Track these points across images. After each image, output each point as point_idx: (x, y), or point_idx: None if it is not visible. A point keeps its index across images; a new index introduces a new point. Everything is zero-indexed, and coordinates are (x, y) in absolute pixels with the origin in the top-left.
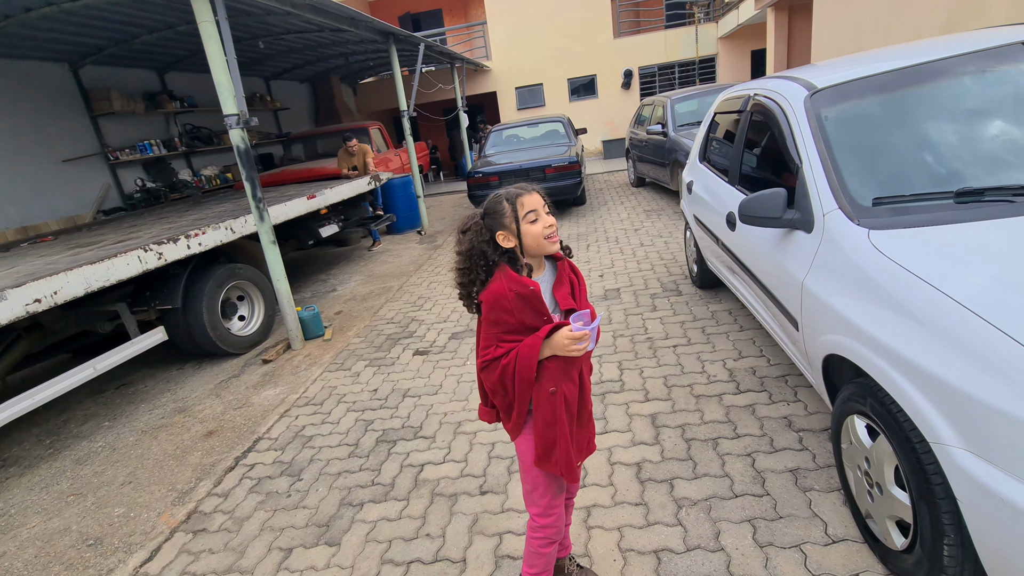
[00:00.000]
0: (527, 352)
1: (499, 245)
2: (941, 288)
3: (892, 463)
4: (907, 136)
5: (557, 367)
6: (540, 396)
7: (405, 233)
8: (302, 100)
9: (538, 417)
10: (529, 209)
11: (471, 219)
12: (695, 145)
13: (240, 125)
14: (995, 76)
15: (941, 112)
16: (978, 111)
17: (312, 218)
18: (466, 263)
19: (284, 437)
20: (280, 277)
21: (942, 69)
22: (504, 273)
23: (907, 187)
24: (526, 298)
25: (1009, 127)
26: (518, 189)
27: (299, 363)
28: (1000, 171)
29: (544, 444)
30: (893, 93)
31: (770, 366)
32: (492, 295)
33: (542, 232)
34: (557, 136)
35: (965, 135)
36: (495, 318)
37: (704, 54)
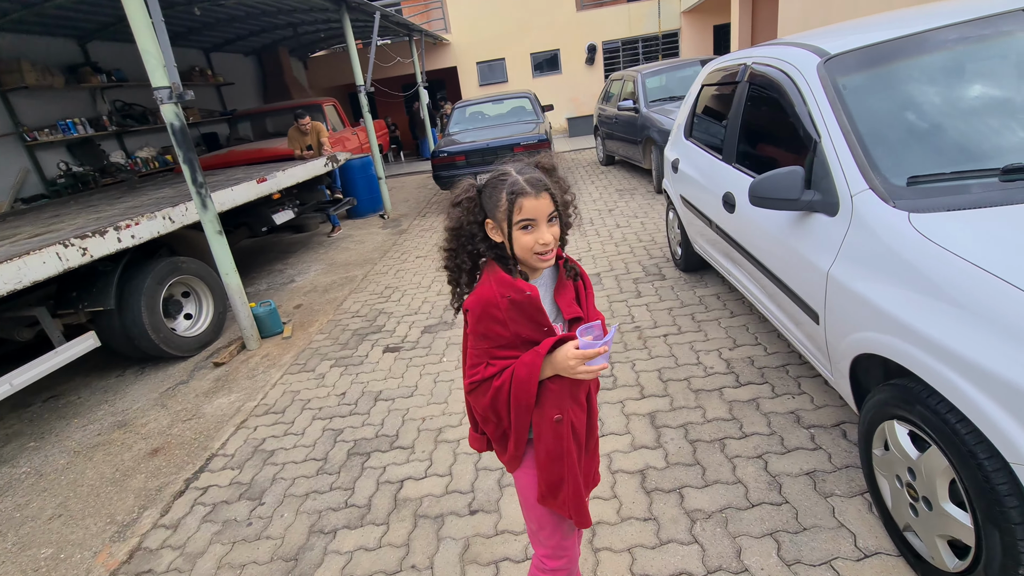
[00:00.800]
0: (525, 372)
1: (487, 234)
2: (1014, 282)
3: (947, 478)
4: (937, 107)
5: (562, 389)
6: (543, 424)
7: (367, 217)
8: (248, 75)
9: (540, 449)
10: (526, 217)
11: (465, 191)
12: (679, 120)
13: (173, 100)
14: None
15: (973, 80)
16: (1015, 78)
17: (264, 203)
18: (453, 243)
19: (242, 453)
20: (229, 270)
21: (970, 33)
22: (493, 274)
23: (944, 164)
24: (521, 305)
25: None
26: (528, 183)
27: (256, 365)
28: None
29: (549, 481)
30: (917, 59)
31: (768, 355)
32: (479, 302)
33: (532, 247)
34: (524, 113)
35: (1003, 105)
36: (484, 330)
37: (667, 29)
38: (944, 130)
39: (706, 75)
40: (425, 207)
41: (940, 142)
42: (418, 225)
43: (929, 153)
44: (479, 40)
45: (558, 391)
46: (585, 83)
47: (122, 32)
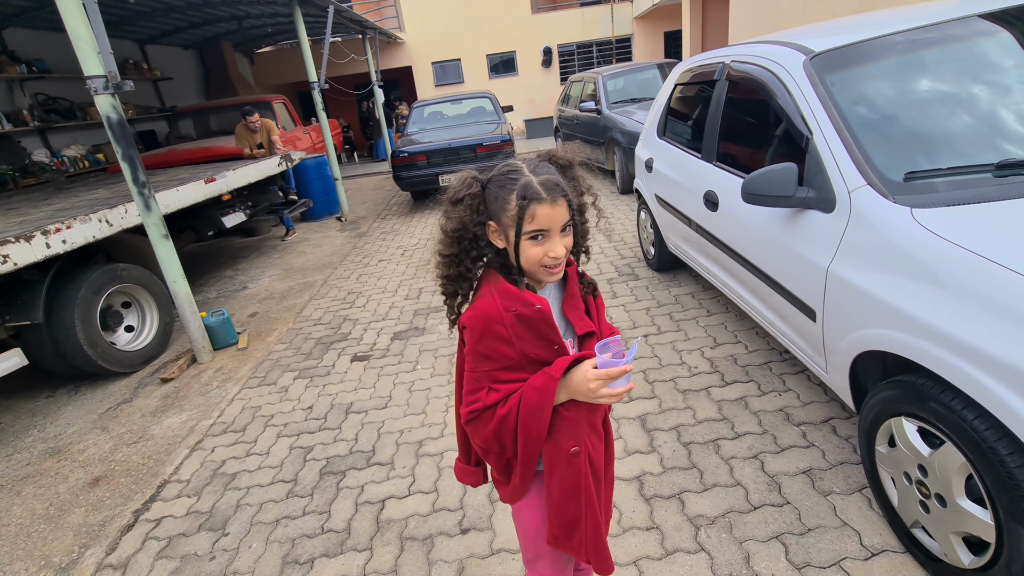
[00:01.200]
0: (536, 398)
1: (487, 238)
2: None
3: (963, 475)
4: (923, 104)
5: (579, 416)
6: (557, 457)
7: (323, 220)
8: (188, 69)
9: (553, 485)
10: (537, 227)
11: (467, 185)
12: (651, 120)
13: (109, 90)
14: (1005, 41)
15: (954, 78)
16: (995, 77)
17: (213, 205)
18: (454, 247)
19: (199, 478)
20: (177, 277)
21: (950, 32)
22: (495, 285)
23: (939, 160)
24: (530, 320)
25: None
26: (544, 186)
27: (209, 380)
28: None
29: (564, 521)
30: (901, 57)
31: (749, 353)
32: (480, 318)
33: (541, 259)
34: (484, 113)
35: (990, 101)
36: (485, 350)
37: (620, 33)
38: (934, 126)
39: (679, 75)
40: (384, 209)
41: (931, 138)
42: (379, 228)
43: (922, 149)
44: (434, 40)
45: (574, 419)
46: (541, 85)
47: (44, 18)
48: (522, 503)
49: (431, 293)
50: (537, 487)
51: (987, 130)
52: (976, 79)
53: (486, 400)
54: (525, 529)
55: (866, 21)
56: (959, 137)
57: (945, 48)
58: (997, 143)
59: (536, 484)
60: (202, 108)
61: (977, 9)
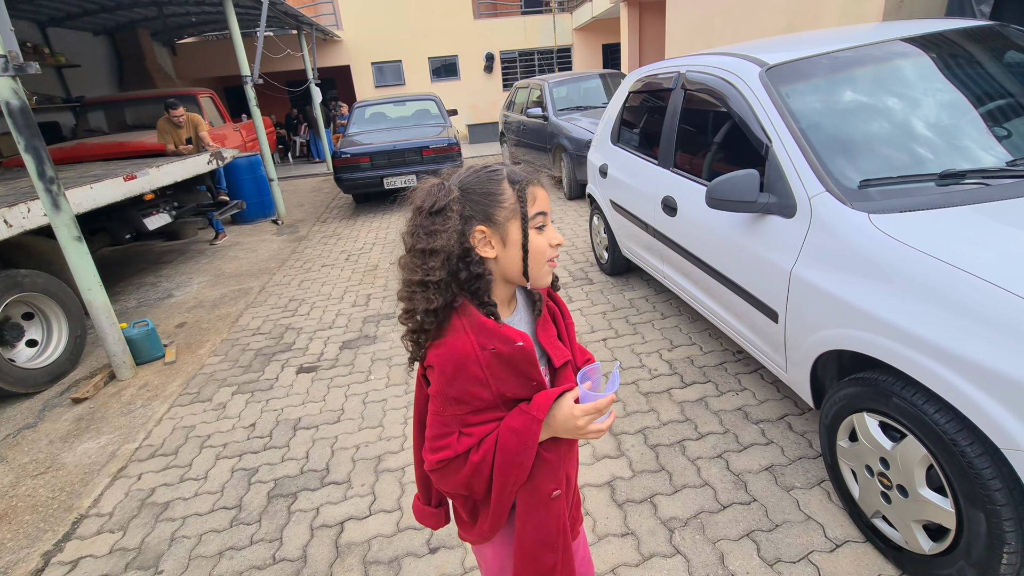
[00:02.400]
0: (516, 443)
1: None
2: (987, 278)
3: (924, 466)
4: (872, 116)
5: (559, 457)
6: (535, 502)
7: (256, 223)
8: (99, 57)
9: (527, 533)
10: (541, 210)
11: (444, 193)
12: (604, 126)
13: (10, 72)
14: (939, 61)
15: (900, 93)
16: (935, 93)
17: (133, 205)
18: (440, 271)
19: (123, 509)
20: (92, 285)
21: (892, 50)
22: (468, 317)
23: (889, 169)
24: (510, 359)
25: (963, 109)
26: (524, 171)
27: (131, 398)
28: (969, 153)
29: (538, 570)
30: (848, 72)
31: (704, 354)
32: (452, 359)
33: (546, 251)
34: (429, 116)
35: (930, 116)
36: (457, 393)
37: (561, 43)
38: (882, 137)
39: (632, 83)
40: (325, 212)
41: (880, 148)
42: (319, 231)
43: (874, 158)
44: (374, 40)
45: (555, 460)
46: (484, 90)
47: None
48: (486, 548)
49: (380, 299)
50: (505, 534)
51: (929, 142)
52: (919, 94)
53: (457, 448)
54: (489, 567)
55: (813, 39)
56: (905, 148)
57: (887, 65)
58: (939, 154)
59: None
60: (115, 100)
61: (913, 32)
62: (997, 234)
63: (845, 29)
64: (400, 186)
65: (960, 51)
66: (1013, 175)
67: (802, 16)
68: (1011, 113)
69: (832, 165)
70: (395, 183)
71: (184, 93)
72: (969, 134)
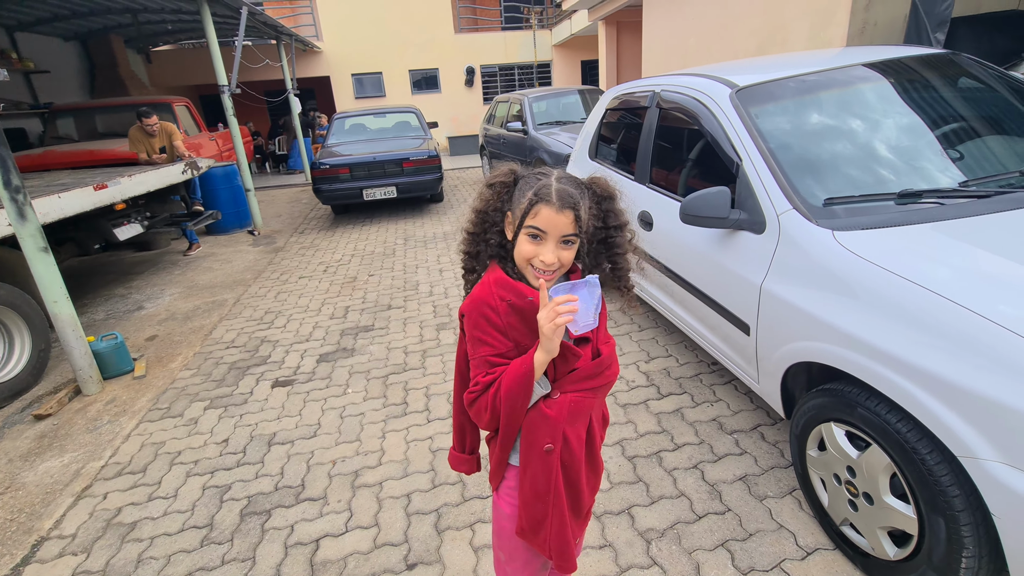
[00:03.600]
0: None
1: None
2: (942, 294)
3: (888, 474)
4: (836, 137)
5: (559, 415)
6: (531, 454)
7: (232, 233)
8: (69, 63)
9: (526, 481)
10: (535, 224)
11: (505, 175)
12: (582, 141)
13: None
14: (899, 85)
15: (863, 115)
16: (896, 116)
17: (103, 215)
18: (477, 226)
19: (88, 530)
20: (59, 297)
21: (856, 75)
22: (494, 274)
23: (850, 188)
24: (523, 312)
25: (920, 131)
26: (558, 193)
27: (98, 414)
28: (926, 174)
29: (531, 517)
30: (813, 95)
31: (681, 366)
32: (475, 303)
33: (530, 259)
34: (410, 128)
35: (890, 138)
36: (481, 334)
37: (541, 59)
38: (845, 157)
39: (609, 100)
40: (303, 223)
41: (844, 167)
42: (296, 243)
43: (837, 177)
44: (354, 51)
45: (555, 417)
46: (464, 103)
47: None
48: (500, 495)
49: (359, 311)
50: (514, 480)
51: (889, 163)
52: (879, 117)
53: (483, 382)
54: (501, 526)
55: (780, 62)
56: (866, 168)
57: (850, 89)
58: (897, 174)
59: (513, 477)
60: (86, 107)
61: (874, 57)
62: (952, 251)
63: (811, 53)
64: (379, 198)
65: (917, 77)
66: (966, 195)
67: (771, 39)
68: (964, 136)
69: (799, 183)
70: (374, 195)
71: (159, 101)
72: (925, 156)
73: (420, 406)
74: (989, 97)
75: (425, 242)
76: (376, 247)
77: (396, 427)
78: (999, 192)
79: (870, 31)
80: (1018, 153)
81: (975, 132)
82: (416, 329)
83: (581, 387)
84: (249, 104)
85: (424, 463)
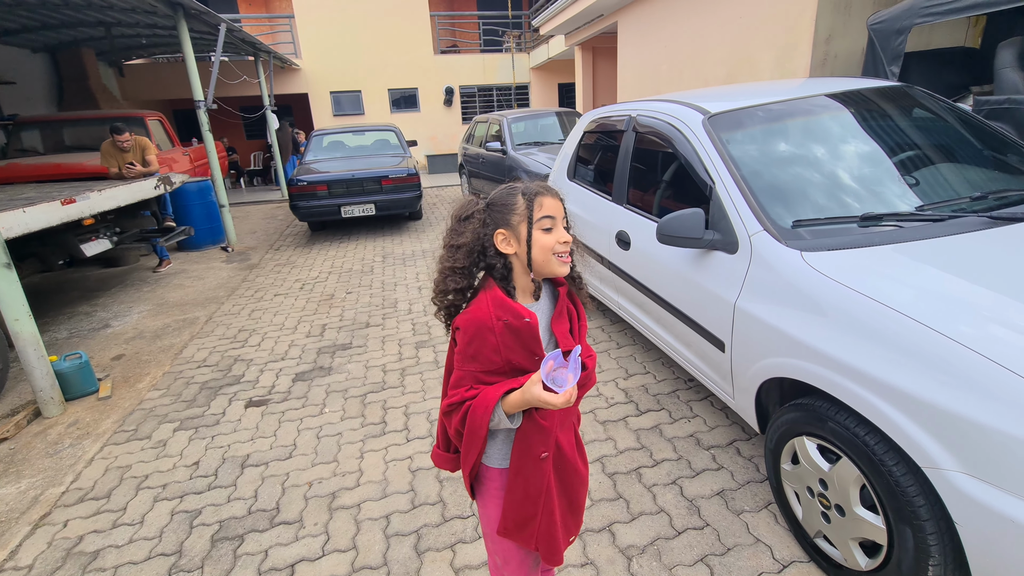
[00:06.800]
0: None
1: (496, 247)
2: (904, 311)
3: (858, 486)
4: (802, 163)
5: (553, 425)
6: (526, 461)
7: (205, 250)
8: (36, 75)
9: (518, 485)
10: (546, 214)
11: (473, 204)
12: (560, 162)
13: None
14: (859, 115)
15: (827, 142)
16: (858, 144)
17: (70, 230)
18: (464, 261)
19: (46, 560)
20: (20, 315)
21: (821, 104)
22: (491, 294)
23: (817, 211)
24: (518, 332)
25: (879, 158)
26: (537, 186)
27: (59, 437)
28: (885, 198)
29: (519, 517)
30: (781, 123)
31: (658, 383)
32: (473, 322)
33: (553, 246)
34: (389, 146)
35: (853, 164)
36: (474, 352)
37: (520, 81)
38: (811, 182)
39: (587, 123)
40: (278, 239)
41: (810, 191)
42: (272, 259)
43: (804, 200)
44: (333, 69)
45: (549, 428)
46: (443, 123)
47: None
48: (486, 500)
49: (336, 329)
50: (499, 486)
51: (851, 187)
52: (840, 143)
53: (464, 395)
54: (492, 531)
55: (749, 91)
56: (830, 192)
57: (814, 118)
58: (859, 199)
59: (497, 481)
60: (53, 119)
61: (835, 88)
62: (912, 271)
63: (777, 83)
64: (358, 215)
65: (875, 107)
66: (922, 219)
67: (739, 68)
68: (919, 163)
69: (768, 206)
70: (353, 212)
71: (131, 115)
72: (884, 181)
73: (399, 425)
74: (940, 127)
75: (404, 259)
76: (354, 264)
77: (375, 447)
78: (952, 216)
79: (831, 62)
80: (968, 180)
81: (929, 160)
82: (395, 347)
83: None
84: (224, 120)
85: (403, 483)
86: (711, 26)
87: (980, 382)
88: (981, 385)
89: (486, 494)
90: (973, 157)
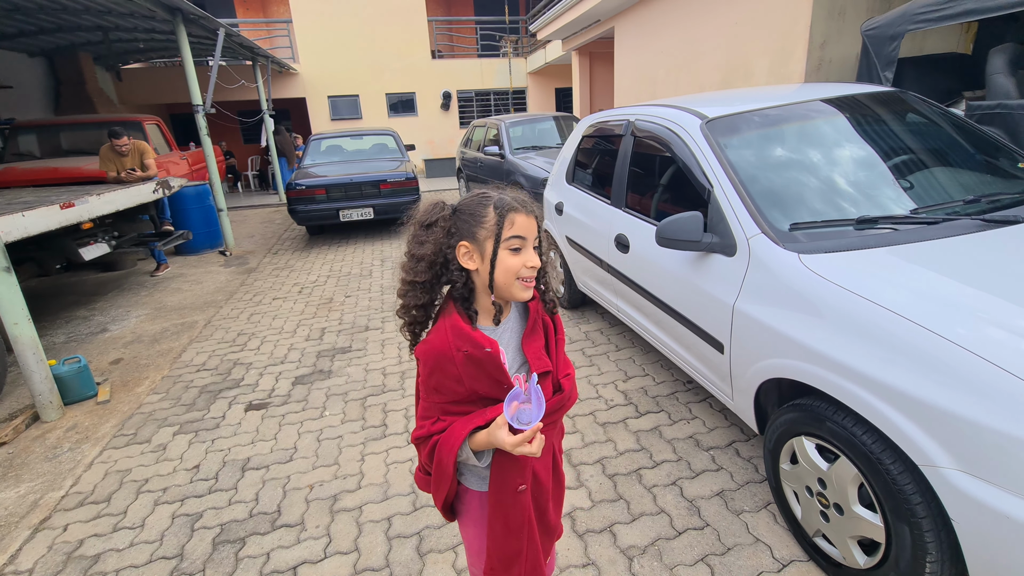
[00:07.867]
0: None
1: (456, 261)
2: (899, 312)
3: (856, 484)
4: (798, 167)
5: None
6: (504, 494)
7: (203, 254)
8: (33, 79)
9: (497, 520)
10: (517, 233)
11: (439, 210)
12: (559, 166)
13: None
14: (854, 120)
15: (823, 146)
16: (853, 148)
17: (68, 234)
18: (426, 274)
19: (46, 565)
20: (20, 319)
21: (816, 109)
22: (450, 321)
23: (814, 214)
24: (480, 362)
25: (874, 162)
26: (516, 200)
27: (58, 441)
28: (880, 202)
29: (503, 555)
30: (777, 128)
31: (657, 385)
32: (432, 354)
33: (519, 270)
34: (387, 150)
35: (849, 168)
36: (436, 384)
37: (517, 86)
38: (808, 185)
39: (586, 127)
40: (276, 243)
41: (807, 194)
42: (270, 263)
43: (801, 204)
44: (331, 74)
45: (524, 459)
46: (441, 127)
47: None
48: (468, 523)
49: (335, 333)
50: (479, 509)
51: (847, 191)
52: (836, 148)
53: (431, 429)
54: (470, 546)
55: (745, 96)
56: (826, 196)
57: (810, 122)
58: (855, 202)
59: (478, 506)
60: (51, 124)
61: (830, 94)
62: (908, 273)
63: (773, 88)
64: (357, 219)
65: (870, 112)
66: (917, 222)
67: (735, 73)
68: (913, 167)
69: (766, 209)
70: (351, 216)
71: (128, 119)
72: (880, 185)
73: (400, 428)
74: (934, 132)
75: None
76: (352, 268)
77: (375, 449)
78: (946, 219)
79: (826, 68)
80: (961, 183)
81: (923, 164)
82: (394, 350)
83: (545, 421)
84: (222, 124)
85: (405, 485)
86: (707, 32)
87: (975, 381)
88: (976, 384)
89: (465, 515)
90: (966, 161)
